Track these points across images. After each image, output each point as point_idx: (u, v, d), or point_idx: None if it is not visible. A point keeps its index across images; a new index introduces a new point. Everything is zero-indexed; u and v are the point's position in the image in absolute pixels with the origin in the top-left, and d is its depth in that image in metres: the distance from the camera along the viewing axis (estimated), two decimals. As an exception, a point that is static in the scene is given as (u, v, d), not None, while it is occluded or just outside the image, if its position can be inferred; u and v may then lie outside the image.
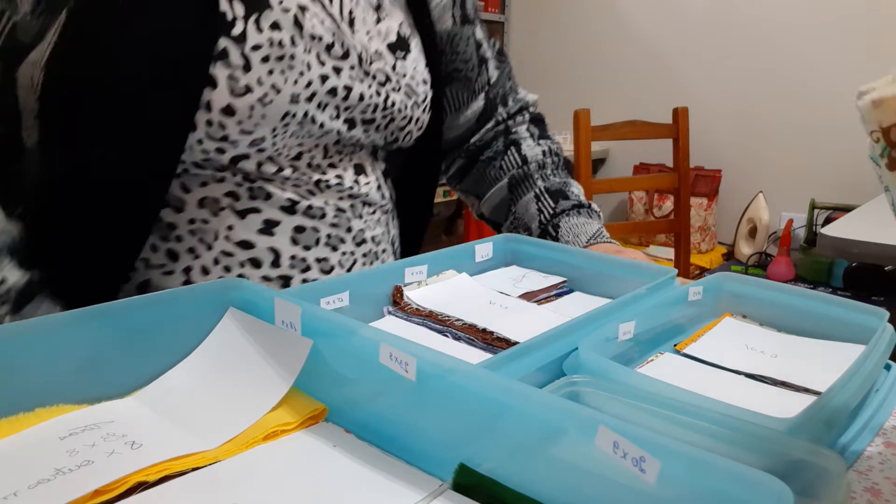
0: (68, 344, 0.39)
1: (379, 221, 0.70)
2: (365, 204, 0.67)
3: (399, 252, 0.75)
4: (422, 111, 0.68)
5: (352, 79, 0.61)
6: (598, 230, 0.77)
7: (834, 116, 2.34)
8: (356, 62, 0.61)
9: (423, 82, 0.68)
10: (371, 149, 0.69)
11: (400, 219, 0.75)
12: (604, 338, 0.48)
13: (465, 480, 0.34)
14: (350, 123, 0.63)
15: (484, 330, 0.52)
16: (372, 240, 0.68)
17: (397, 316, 0.56)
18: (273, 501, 0.33)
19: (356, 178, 0.66)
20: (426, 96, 0.68)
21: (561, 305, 0.61)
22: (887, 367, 0.50)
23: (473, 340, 0.51)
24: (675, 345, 0.54)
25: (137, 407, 0.40)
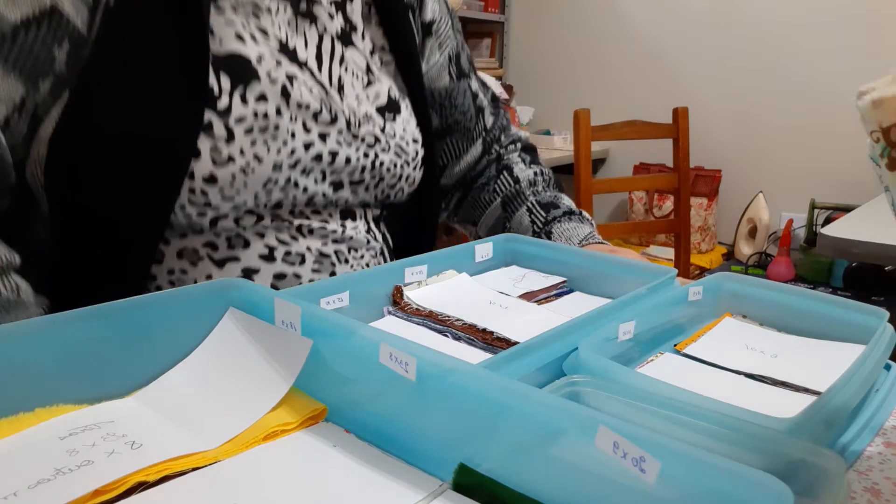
0: (68, 344, 0.39)
1: (368, 265, 0.70)
2: (351, 248, 0.67)
3: None
4: (412, 169, 0.69)
5: (339, 143, 0.62)
6: (590, 233, 0.78)
7: (834, 116, 2.34)
8: (344, 126, 0.62)
9: (414, 141, 0.69)
10: (361, 203, 0.69)
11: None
12: (604, 338, 0.48)
13: (465, 480, 0.34)
14: (336, 185, 0.64)
15: (484, 330, 0.52)
16: None
17: (397, 316, 0.56)
18: (273, 501, 0.33)
19: (343, 223, 0.66)
20: (417, 154, 0.69)
21: (561, 305, 0.61)
22: (887, 367, 0.50)
23: (473, 340, 0.51)
24: (675, 345, 0.54)
25: (137, 407, 0.40)
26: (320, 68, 0.62)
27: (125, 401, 0.40)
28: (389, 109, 0.66)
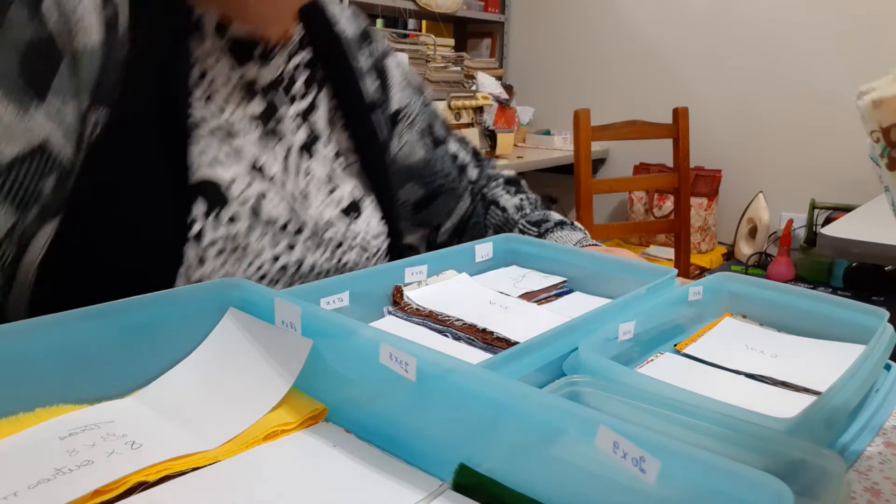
0: (68, 344, 0.39)
1: None
2: None
3: None
4: (377, 261, 0.70)
5: (305, 250, 0.62)
6: (583, 237, 0.79)
7: (834, 116, 2.33)
8: (310, 234, 0.62)
9: (377, 236, 0.70)
10: None
11: None
12: (604, 338, 0.48)
13: (465, 480, 0.34)
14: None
15: (484, 330, 0.52)
16: None
17: (397, 316, 0.56)
18: (273, 501, 0.33)
19: None
20: (379, 249, 0.70)
21: (561, 305, 0.61)
22: (887, 367, 0.50)
23: (473, 340, 0.51)
24: (675, 345, 0.54)
25: (137, 407, 0.40)
26: (287, 181, 0.62)
27: (125, 401, 0.40)
28: (352, 210, 0.67)
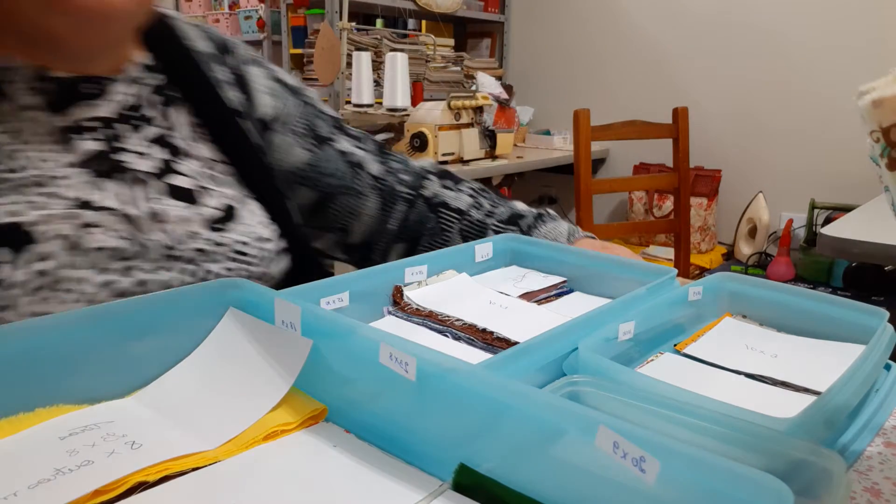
0: (68, 344, 0.39)
1: None
2: None
3: None
4: (263, 266, 0.67)
5: (152, 271, 0.58)
6: (570, 228, 0.78)
7: (834, 116, 2.34)
8: (159, 255, 0.59)
9: (262, 240, 0.66)
10: None
11: None
12: (604, 338, 0.48)
13: (465, 480, 0.34)
14: None
15: (484, 330, 0.52)
16: None
17: (397, 316, 0.56)
18: (273, 501, 0.33)
19: None
20: (266, 252, 0.67)
21: (561, 305, 0.61)
22: (887, 367, 0.50)
23: (473, 340, 0.51)
24: (675, 345, 0.54)
25: (137, 407, 0.40)
26: (128, 208, 0.58)
27: (125, 401, 0.40)
28: (225, 220, 0.64)
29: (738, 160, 2.60)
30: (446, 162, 2.12)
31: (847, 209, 1.91)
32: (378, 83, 2.26)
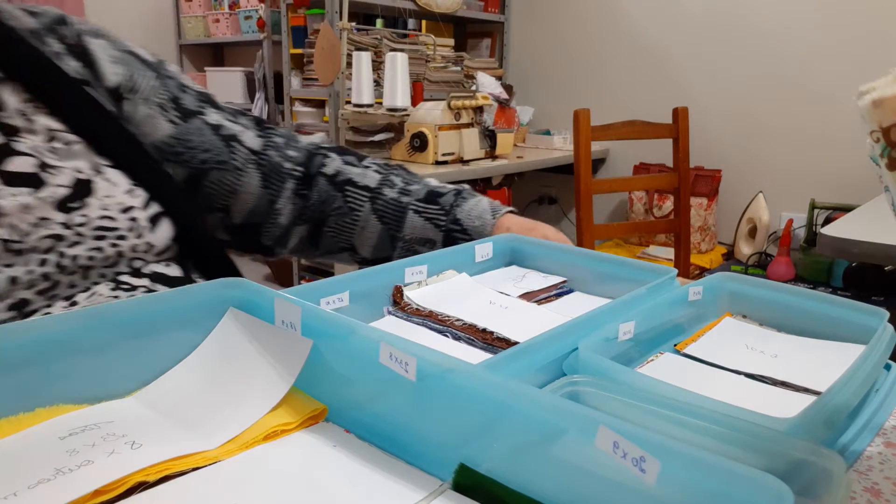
0: (68, 344, 0.39)
1: None
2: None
3: None
4: (137, 237, 0.63)
5: None
6: (492, 204, 0.77)
7: (834, 116, 2.34)
8: None
9: (126, 210, 0.63)
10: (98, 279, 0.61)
11: None
12: (604, 338, 0.48)
13: (465, 480, 0.34)
14: (24, 303, 0.56)
15: (484, 330, 0.52)
16: None
17: (397, 316, 0.56)
18: (273, 501, 0.33)
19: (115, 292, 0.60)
20: (134, 224, 0.63)
21: (561, 305, 0.61)
22: (887, 367, 0.50)
23: (473, 340, 0.51)
24: (675, 345, 0.54)
25: (137, 407, 0.40)
26: None
27: (125, 401, 0.40)
28: (78, 196, 0.60)
29: (738, 160, 2.60)
30: (446, 162, 2.12)
31: (847, 209, 1.91)
32: (378, 83, 2.26)
